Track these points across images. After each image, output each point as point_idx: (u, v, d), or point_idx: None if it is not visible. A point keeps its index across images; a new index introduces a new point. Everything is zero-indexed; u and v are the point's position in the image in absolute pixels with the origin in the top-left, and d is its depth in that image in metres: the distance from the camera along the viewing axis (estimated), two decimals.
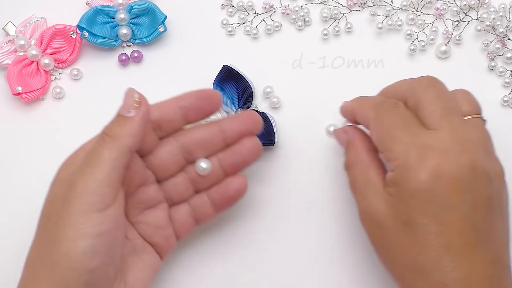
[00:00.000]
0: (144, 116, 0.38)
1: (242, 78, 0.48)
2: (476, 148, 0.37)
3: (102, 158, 0.36)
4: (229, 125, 0.42)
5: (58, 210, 0.36)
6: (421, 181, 0.36)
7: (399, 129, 0.38)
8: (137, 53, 0.50)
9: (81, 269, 0.35)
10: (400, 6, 0.50)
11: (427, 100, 0.38)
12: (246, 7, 0.51)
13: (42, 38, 0.49)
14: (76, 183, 0.36)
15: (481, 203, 0.36)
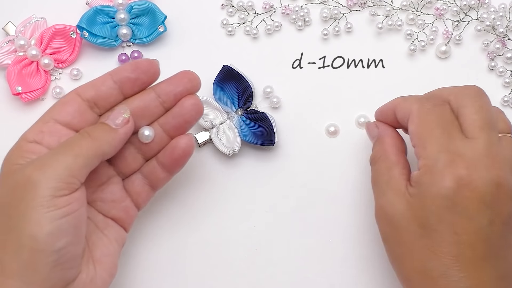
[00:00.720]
0: (127, 133, 0.40)
1: (242, 78, 0.48)
2: (505, 165, 0.37)
3: (78, 152, 0.37)
4: (164, 88, 0.42)
5: (20, 195, 0.36)
6: (445, 187, 0.36)
7: (439, 128, 0.38)
8: (137, 53, 0.50)
9: (48, 250, 0.35)
10: (400, 6, 0.50)
11: (471, 108, 0.38)
12: (246, 7, 0.51)
13: (42, 38, 0.49)
14: (45, 167, 0.36)
15: (500, 219, 0.36)
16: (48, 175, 0.35)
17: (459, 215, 0.36)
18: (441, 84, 0.49)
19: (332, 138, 0.49)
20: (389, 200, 0.39)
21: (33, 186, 0.35)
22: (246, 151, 0.49)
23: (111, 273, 0.41)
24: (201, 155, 0.49)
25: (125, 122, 0.40)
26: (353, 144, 0.49)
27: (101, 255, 0.40)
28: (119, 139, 0.39)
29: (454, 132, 0.38)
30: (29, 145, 0.39)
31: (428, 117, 0.39)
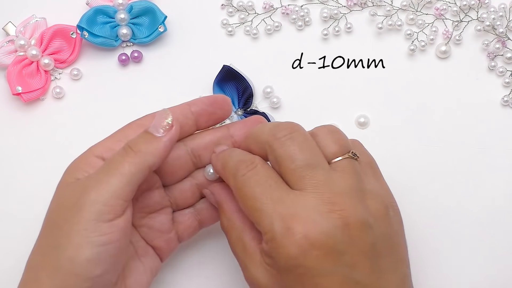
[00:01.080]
0: (172, 139, 0.38)
1: (242, 78, 0.48)
2: (345, 200, 0.35)
3: (121, 171, 0.36)
4: (238, 129, 0.42)
5: (66, 214, 0.35)
6: (292, 257, 0.34)
7: (260, 198, 0.35)
8: (137, 53, 0.50)
9: (84, 276, 0.34)
10: (400, 6, 0.50)
11: (285, 158, 0.36)
12: (246, 7, 0.51)
13: (42, 38, 0.49)
14: (90, 190, 0.35)
15: (362, 257, 0.34)
16: (92, 198, 0.35)
17: (317, 276, 0.34)
18: (441, 84, 0.50)
19: None
20: (251, 272, 0.37)
21: (79, 209, 0.35)
22: None
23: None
24: None
25: (169, 129, 0.38)
26: None
27: (133, 283, 0.40)
28: (164, 147, 0.37)
29: (277, 193, 0.35)
30: (94, 159, 0.38)
31: (245, 192, 0.36)
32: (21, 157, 0.49)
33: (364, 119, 0.49)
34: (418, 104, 0.49)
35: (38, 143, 0.49)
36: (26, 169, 0.49)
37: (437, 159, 0.48)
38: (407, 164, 0.49)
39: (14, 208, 0.48)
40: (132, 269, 0.40)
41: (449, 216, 0.48)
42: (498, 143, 0.49)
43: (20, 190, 0.48)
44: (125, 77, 0.50)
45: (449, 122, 0.49)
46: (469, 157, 0.48)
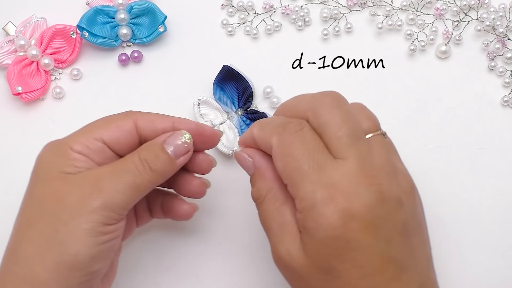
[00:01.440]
0: (183, 164, 0.39)
1: (242, 78, 0.48)
2: (383, 175, 0.35)
3: (137, 186, 0.37)
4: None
5: (71, 212, 0.36)
6: (333, 227, 0.33)
7: (306, 161, 0.34)
8: (137, 53, 0.50)
9: (86, 271, 0.35)
10: (400, 6, 0.50)
11: (332, 124, 0.35)
12: (246, 7, 0.51)
13: (42, 38, 0.49)
14: (106, 195, 0.36)
15: (396, 232, 0.34)
16: (105, 204, 0.36)
17: (357, 250, 0.33)
18: (441, 84, 0.50)
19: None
20: (287, 248, 0.35)
21: (90, 211, 0.35)
22: None
23: (111, 281, 0.41)
24: None
25: (185, 152, 0.39)
26: None
27: (110, 271, 0.41)
28: (174, 171, 0.39)
29: (322, 159, 0.34)
30: (76, 155, 0.38)
31: (291, 151, 0.35)
32: (21, 157, 0.49)
33: None
34: (418, 104, 0.49)
35: (38, 143, 0.49)
36: (26, 169, 0.49)
37: (437, 159, 0.48)
38: (407, 164, 0.48)
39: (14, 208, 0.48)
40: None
41: (449, 216, 0.48)
42: (498, 143, 0.49)
43: (20, 190, 0.48)
44: (125, 77, 0.50)
45: (449, 122, 0.49)
46: (469, 157, 0.48)
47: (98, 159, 0.38)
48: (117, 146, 0.39)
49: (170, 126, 0.39)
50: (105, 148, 0.38)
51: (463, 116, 0.49)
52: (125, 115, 0.40)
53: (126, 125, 0.39)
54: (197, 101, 0.48)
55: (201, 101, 0.48)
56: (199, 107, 0.48)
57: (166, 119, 0.40)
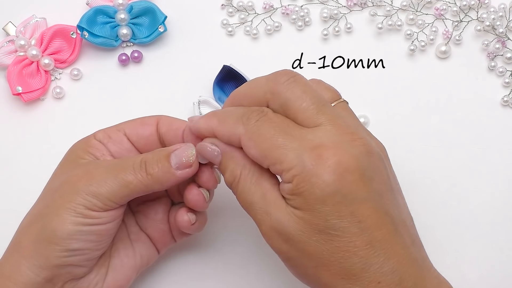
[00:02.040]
0: (184, 177, 0.39)
1: (242, 78, 0.48)
2: (359, 131, 0.35)
3: (127, 184, 0.38)
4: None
5: (64, 191, 0.38)
6: (328, 184, 0.33)
7: (280, 136, 0.34)
8: (137, 53, 0.50)
9: (63, 247, 0.37)
10: (400, 6, 0.50)
11: (294, 98, 0.35)
12: (246, 7, 0.51)
13: (42, 38, 0.49)
14: (93, 181, 0.37)
15: (385, 187, 0.35)
16: (91, 189, 0.37)
17: (354, 202, 0.33)
18: (440, 84, 0.50)
19: None
20: (277, 219, 0.34)
21: (75, 192, 0.37)
22: None
23: (121, 285, 0.41)
24: None
25: (187, 165, 0.38)
26: None
27: (118, 264, 0.41)
28: (174, 181, 0.38)
29: (295, 130, 0.35)
30: (96, 142, 0.40)
31: (261, 133, 0.35)
32: (21, 157, 0.49)
33: (364, 119, 0.49)
34: (418, 104, 0.49)
35: (38, 143, 0.49)
36: (26, 169, 0.49)
37: (437, 159, 0.48)
38: (407, 164, 0.48)
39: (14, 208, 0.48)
40: (120, 251, 0.41)
41: (449, 216, 0.48)
42: (498, 143, 0.49)
43: (20, 190, 0.48)
44: (125, 77, 0.50)
45: (449, 122, 0.49)
46: (469, 157, 0.48)
47: (115, 148, 0.40)
48: (135, 138, 0.41)
49: (182, 127, 0.40)
50: (124, 139, 0.41)
51: (463, 116, 0.49)
52: (153, 115, 0.42)
53: (148, 120, 0.41)
54: (197, 101, 0.48)
55: (201, 101, 0.48)
56: (199, 107, 0.48)
57: (183, 122, 0.40)
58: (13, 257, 0.38)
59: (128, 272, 0.41)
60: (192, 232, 0.42)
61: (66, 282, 0.38)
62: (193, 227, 0.42)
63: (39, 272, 0.37)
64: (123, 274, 0.41)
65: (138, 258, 0.42)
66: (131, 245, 0.42)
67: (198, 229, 0.42)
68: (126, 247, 0.42)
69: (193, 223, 0.41)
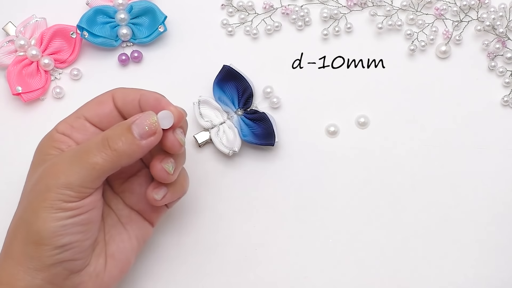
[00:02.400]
0: (150, 145, 0.38)
1: (242, 78, 0.48)
2: None
3: (94, 165, 0.37)
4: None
5: (37, 192, 0.38)
6: None
7: None
8: (137, 53, 0.50)
9: (52, 245, 0.37)
10: (400, 6, 0.50)
11: None
12: (246, 7, 0.51)
13: (42, 38, 0.49)
14: (61, 174, 0.37)
15: None
16: (61, 182, 0.37)
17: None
18: (441, 84, 0.50)
19: (332, 138, 0.49)
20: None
21: (47, 190, 0.37)
22: (246, 151, 0.49)
23: (122, 270, 0.41)
24: (201, 155, 0.49)
25: (151, 134, 0.38)
26: (353, 144, 0.49)
27: (115, 251, 0.41)
28: (141, 152, 0.38)
29: None
30: (59, 136, 0.40)
31: None
32: (21, 157, 0.49)
33: (364, 119, 0.49)
34: (418, 104, 0.49)
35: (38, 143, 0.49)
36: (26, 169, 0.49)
37: (437, 159, 0.48)
38: (407, 164, 0.48)
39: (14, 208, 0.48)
40: (114, 237, 0.41)
41: (449, 216, 0.48)
42: (498, 143, 0.49)
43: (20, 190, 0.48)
44: (125, 77, 0.50)
45: (449, 122, 0.49)
46: (469, 157, 0.48)
47: (81, 136, 0.40)
48: (98, 120, 0.40)
49: (137, 98, 0.40)
50: (86, 124, 0.40)
51: (463, 116, 0.49)
52: (108, 91, 0.41)
53: (103, 98, 0.41)
54: (197, 101, 0.48)
55: (201, 101, 0.48)
56: (199, 107, 0.48)
57: (137, 91, 0.40)
58: (8, 264, 0.38)
59: (127, 256, 0.42)
60: (168, 201, 0.41)
61: (65, 279, 0.38)
62: (166, 199, 0.41)
63: (35, 274, 0.37)
64: (122, 259, 0.41)
65: (134, 240, 0.42)
66: (124, 229, 0.42)
67: (172, 197, 0.41)
68: (119, 232, 0.42)
69: (163, 197, 0.41)
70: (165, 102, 0.39)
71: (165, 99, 0.40)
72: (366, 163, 0.48)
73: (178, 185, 0.42)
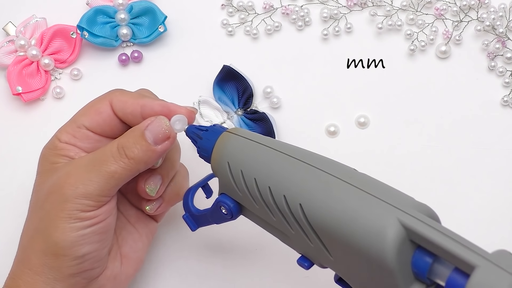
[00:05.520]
0: (165, 150, 0.38)
1: (242, 78, 0.48)
2: None
3: (113, 174, 0.37)
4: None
5: (53, 201, 0.37)
6: None
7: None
8: (137, 53, 0.50)
9: (71, 256, 0.37)
10: (400, 6, 0.50)
11: None
12: (246, 7, 0.51)
13: (42, 38, 0.49)
14: (79, 184, 0.37)
15: None
16: (79, 192, 0.36)
17: None
18: (441, 84, 0.50)
19: (332, 138, 0.49)
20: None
21: (64, 200, 0.36)
22: None
23: (136, 268, 0.42)
24: None
25: (165, 138, 0.38)
26: (353, 144, 0.49)
27: (129, 251, 0.41)
28: (157, 157, 0.38)
29: None
30: (63, 145, 0.39)
31: None
32: (21, 157, 0.49)
33: (364, 119, 0.49)
34: (418, 104, 0.49)
35: (38, 143, 0.49)
36: (26, 169, 0.49)
37: (437, 159, 0.48)
38: (407, 164, 0.49)
39: (15, 207, 0.48)
40: (126, 238, 0.42)
41: (449, 216, 0.48)
42: (498, 143, 0.49)
43: (20, 190, 0.48)
44: (125, 77, 0.50)
45: (449, 122, 0.49)
46: (469, 157, 0.48)
47: (86, 145, 0.40)
48: (100, 129, 0.40)
49: (138, 110, 0.39)
50: (89, 133, 0.40)
51: (463, 116, 0.49)
52: (103, 97, 0.41)
53: (102, 108, 0.40)
54: (197, 101, 0.48)
55: (201, 101, 0.48)
56: (199, 107, 0.48)
57: (136, 102, 0.39)
58: (27, 274, 0.37)
59: (140, 255, 0.42)
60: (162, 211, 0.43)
61: (85, 287, 0.38)
62: (159, 210, 0.42)
63: (55, 284, 0.37)
64: (136, 258, 0.42)
65: (145, 238, 0.43)
66: (134, 228, 0.42)
67: (166, 207, 0.42)
68: (130, 232, 0.42)
69: (157, 208, 0.42)
70: (174, 107, 0.39)
71: (172, 104, 0.40)
72: (366, 163, 0.48)
73: (173, 195, 0.42)
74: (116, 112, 0.40)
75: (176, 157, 0.42)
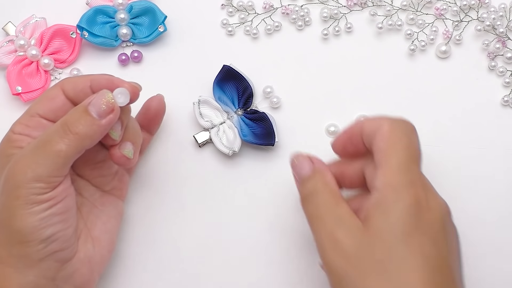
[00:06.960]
0: (110, 123, 0.38)
1: (242, 78, 0.48)
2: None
3: (58, 153, 0.37)
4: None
5: (7, 191, 0.37)
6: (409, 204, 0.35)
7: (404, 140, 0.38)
8: (137, 53, 0.50)
9: (36, 240, 0.37)
10: (400, 6, 0.50)
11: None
12: (246, 7, 0.51)
13: (42, 38, 0.49)
14: (27, 169, 0.37)
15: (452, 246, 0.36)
16: (29, 176, 0.37)
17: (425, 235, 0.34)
18: (441, 84, 0.50)
19: (332, 138, 0.49)
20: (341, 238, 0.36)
21: (17, 187, 0.37)
22: (246, 151, 0.49)
23: (109, 249, 0.43)
24: (201, 155, 0.49)
25: (109, 111, 0.38)
26: None
27: (99, 233, 0.42)
28: (102, 131, 0.38)
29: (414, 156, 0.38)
30: (17, 136, 0.40)
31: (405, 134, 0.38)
32: None
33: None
34: (418, 104, 0.49)
35: None
36: None
37: (437, 159, 0.48)
38: None
39: None
40: (94, 222, 0.42)
41: None
42: (498, 143, 0.49)
43: None
44: (125, 77, 0.50)
45: (449, 122, 0.49)
46: (469, 157, 0.48)
47: (38, 134, 0.40)
48: (53, 115, 0.40)
49: (88, 85, 0.40)
50: (43, 121, 0.40)
51: (463, 116, 0.49)
52: (55, 85, 0.41)
53: (54, 93, 0.40)
54: (197, 101, 0.48)
55: (201, 101, 0.48)
56: (199, 107, 0.48)
57: (85, 78, 0.40)
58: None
59: (111, 236, 0.43)
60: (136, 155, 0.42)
61: (58, 271, 0.38)
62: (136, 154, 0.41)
63: (27, 272, 0.37)
64: (107, 239, 0.42)
65: (113, 219, 0.43)
66: (101, 211, 0.43)
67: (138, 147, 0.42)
68: (97, 215, 0.43)
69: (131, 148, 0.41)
70: (118, 81, 0.40)
71: (117, 78, 0.40)
72: None
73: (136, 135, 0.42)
74: (68, 95, 0.40)
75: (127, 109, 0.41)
